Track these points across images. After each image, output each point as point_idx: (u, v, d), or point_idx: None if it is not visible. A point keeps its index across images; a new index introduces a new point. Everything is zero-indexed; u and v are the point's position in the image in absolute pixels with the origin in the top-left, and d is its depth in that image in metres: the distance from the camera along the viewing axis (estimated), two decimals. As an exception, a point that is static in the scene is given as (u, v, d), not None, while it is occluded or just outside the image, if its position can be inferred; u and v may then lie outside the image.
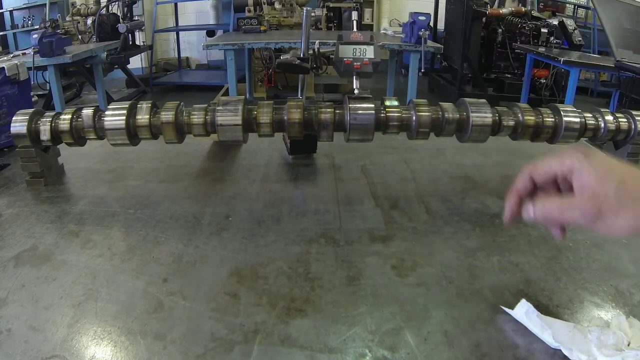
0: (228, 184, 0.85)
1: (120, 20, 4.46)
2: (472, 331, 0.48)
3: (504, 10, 4.50)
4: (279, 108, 0.75)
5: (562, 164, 0.44)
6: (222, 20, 6.16)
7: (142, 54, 5.85)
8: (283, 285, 0.56)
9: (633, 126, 0.82)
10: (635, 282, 0.57)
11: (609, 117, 0.82)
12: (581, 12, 6.08)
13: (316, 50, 0.98)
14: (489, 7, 4.48)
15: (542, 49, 3.68)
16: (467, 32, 4.47)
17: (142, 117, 0.75)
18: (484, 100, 0.77)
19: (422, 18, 3.08)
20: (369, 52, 0.74)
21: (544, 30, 4.21)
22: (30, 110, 0.78)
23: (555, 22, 4.16)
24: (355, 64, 0.73)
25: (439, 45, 3.60)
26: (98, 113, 0.77)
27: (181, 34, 6.23)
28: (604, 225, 0.40)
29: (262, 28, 3.87)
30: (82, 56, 3.41)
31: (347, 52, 0.74)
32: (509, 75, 4.71)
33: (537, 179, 0.47)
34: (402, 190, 0.83)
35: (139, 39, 5.57)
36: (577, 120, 0.78)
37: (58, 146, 0.85)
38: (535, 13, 4.56)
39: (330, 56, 0.86)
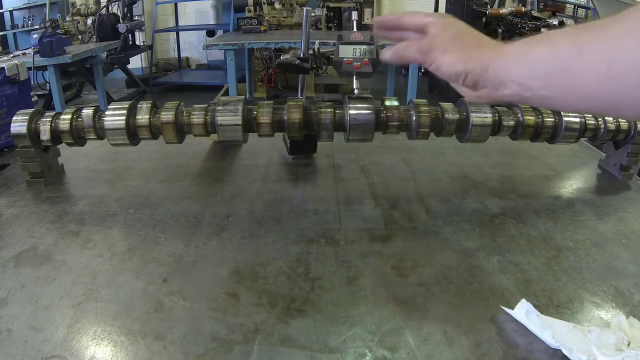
0: (228, 184, 0.85)
1: (120, 20, 4.46)
2: (472, 331, 0.48)
3: (504, 10, 4.50)
4: (279, 108, 0.75)
5: (427, 16, 0.53)
6: (222, 20, 6.16)
7: (142, 54, 5.84)
8: (283, 285, 0.56)
9: (633, 126, 0.82)
10: (635, 282, 0.57)
11: (609, 117, 0.82)
12: (581, 12, 6.07)
13: (316, 50, 0.98)
14: (489, 7, 4.48)
15: (542, 49, 3.66)
16: (467, 32, 4.46)
17: (142, 117, 0.75)
18: (484, 100, 0.77)
19: (422, 18, 3.07)
20: (369, 52, 0.74)
21: (544, 30, 4.20)
22: (30, 110, 0.78)
23: (555, 22, 4.16)
24: (355, 64, 0.73)
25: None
26: (98, 113, 0.77)
27: (181, 34, 6.22)
28: (432, 57, 0.49)
29: (262, 28, 3.87)
30: (82, 56, 3.41)
31: (347, 52, 0.74)
32: (509, 75, 4.69)
33: (405, 21, 0.56)
34: (402, 190, 0.83)
35: (139, 39, 5.56)
36: (577, 120, 0.78)
37: (58, 146, 0.85)
38: (535, 13, 4.55)
39: (330, 56, 0.86)
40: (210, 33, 5.82)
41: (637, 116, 0.38)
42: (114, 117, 0.74)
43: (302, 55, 0.92)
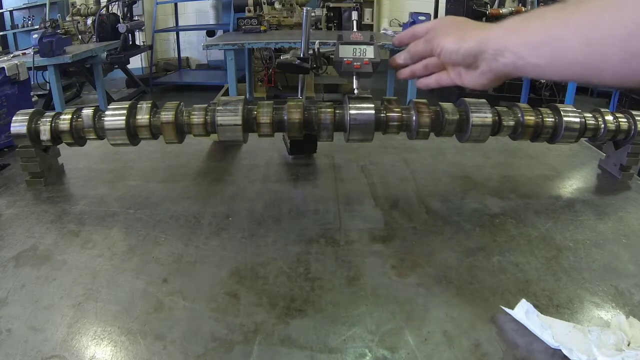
0: (228, 184, 0.85)
1: (120, 20, 4.46)
2: (472, 331, 0.48)
3: (504, 10, 4.50)
4: (279, 108, 0.75)
5: (432, 21, 0.64)
6: (222, 20, 6.16)
7: (142, 54, 5.85)
8: (283, 285, 0.56)
9: (633, 126, 0.82)
10: (635, 282, 0.57)
11: (609, 117, 0.82)
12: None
13: (316, 50, 0.98)
14: (489, 7, 4.49)
15: (542, 49, 3.66)
16: (467, 32, 4.47)
17: (142, 117, 0.74)
18: (484, 100, 0.77)
19: (422, 18, 3.08)
20: (369, 52, 0.74)
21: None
22: (30, 110, 0.78)
23: (555, 22, 4.16)
24: (355, 64, 0.73)
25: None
26: (98, 113, 0.77)
27: (181, 34, 6.23)
28: (436, 43, 0.59)
29: (262, 28, 3.87)
30: (82, 56, 3.41)
31: (347, 52, 0.74)
32: (509, 75, 4.69)
33: (417, 29, 0.67)
34: (402, 190, 0.83)
35: (139, 39, 5.57)
36: (577, 120, 0.78)
37: (58, 146, 0.85)
38: (535, 13, 4.55)
39: (330, 56, 0.86)
40: (210, 33, 5.82)
41: (615, 80, 0.43)
42: (114, 117, 0.74)
43: (302, 55, 0.92)
